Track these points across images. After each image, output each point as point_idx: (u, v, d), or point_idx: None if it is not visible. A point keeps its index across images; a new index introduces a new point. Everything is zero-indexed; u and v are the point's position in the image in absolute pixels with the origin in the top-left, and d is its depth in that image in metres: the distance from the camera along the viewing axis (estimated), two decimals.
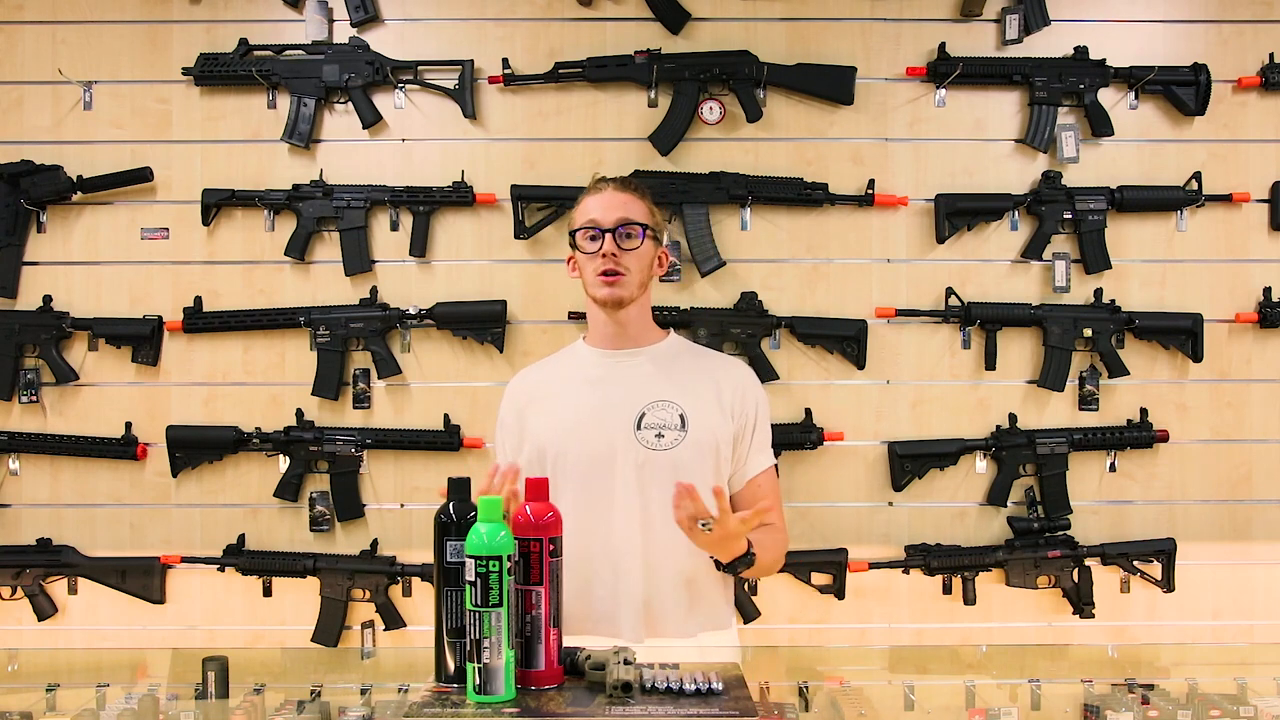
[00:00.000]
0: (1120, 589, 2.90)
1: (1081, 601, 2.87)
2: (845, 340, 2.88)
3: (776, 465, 2.10)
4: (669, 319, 2.80)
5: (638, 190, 2.02)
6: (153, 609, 2.90)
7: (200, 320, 2.87)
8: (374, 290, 2.89)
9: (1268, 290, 2.92)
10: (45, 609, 2.87)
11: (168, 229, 2.92)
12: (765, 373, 2.84)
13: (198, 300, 2.88)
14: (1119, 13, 2.95)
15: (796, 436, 2.84)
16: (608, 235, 1.95)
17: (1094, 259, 2.90)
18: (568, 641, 1.55)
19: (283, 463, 2.87)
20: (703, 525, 1.76)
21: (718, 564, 1.89)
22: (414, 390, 2.91)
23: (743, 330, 2.86)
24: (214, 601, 2.91)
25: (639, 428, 1.96)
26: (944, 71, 2.90)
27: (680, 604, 1.97)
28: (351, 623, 2.88)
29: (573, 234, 2.00)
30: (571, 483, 1.96)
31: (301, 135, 2.89)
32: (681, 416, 1.96)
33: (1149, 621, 2.92)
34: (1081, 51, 2.92)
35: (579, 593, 1.94)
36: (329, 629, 2.85)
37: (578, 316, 2.87)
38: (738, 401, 2.01)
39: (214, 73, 2.88)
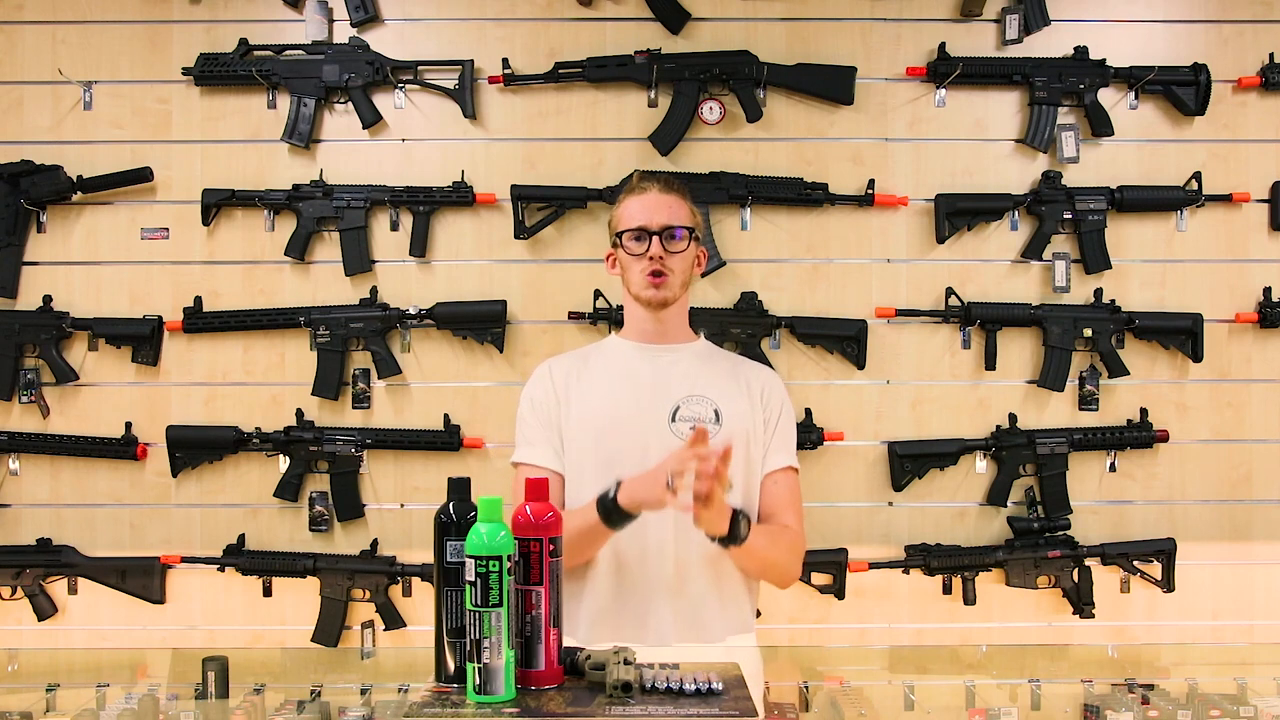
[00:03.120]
0: (1120, 589, 2.91)
1: (1081, 601, 2.87)
2: (845, 340, 2.88)
3: (798, 470, 2.10)
4: None
5: (680, 191, 2.05)
6: (153, 609, 2.90)
7: (200, 320, 2.87)
8: (374, 290, 2.89)
9: (1268, 290, 2.92)
10: (45, 609, 2.87)
11: (168, 229, 2.92)
12: None
13: (198, 300, 2.88)
14: (1119, 13, 2.95)
15: (797, 436, 2.82)
16: (654, 239, 1.98)
17: (1094, 259, 2.90)
18: (599, 646, 1.55)
19: (283, 463, 2.87)
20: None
21: (720, 541, 1.83)
22: (414, 390, 2.91)
23: (743, 330, 2.86)
24: (214, 601, 2.91)
25: (674, 420, 1.97)
26: (944, 71, 2.90)
27: (709, 603, 1.96)
28: (351, 623, 2.88)
29: (618, 235, 2.02)
30: (602, 475, 1.94)
31: (301, 135, 2.89)
32: (716, 411, 1.99)
33: (1149, 621, 2.92)
34: (1081, 51, 2.92)
35: (609, 588, 1.95)
36: (329, 629, 2.85)
37: (578, 316, 2.87)
38: (765, 397, 2.06)
39: (214, 73, 2.88)
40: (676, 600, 1.95)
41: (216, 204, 2.89)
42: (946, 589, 2.89)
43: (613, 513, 1.81)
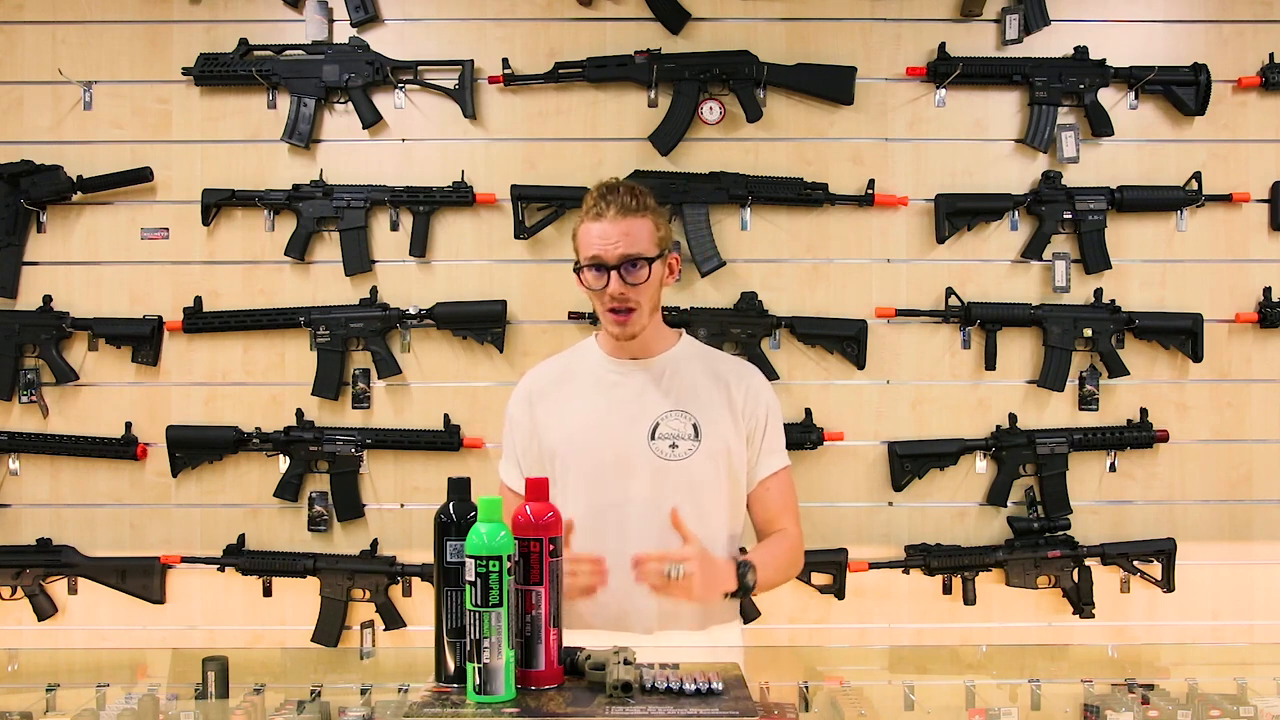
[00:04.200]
0: (1120, 589, 2.91)
1: (1081, 601, 2.87)
2: (845, 340, 2.88)
3: (789, 465, 2.09)
4: (671, 319, 2.79)
5: (640, 209, 1.93)
6: (153, 609, 2.90)
7: (200, 320, 2.87)
8: (374, 290, 2.89)
9: (1268, 290, 2.92)
10: (45, 609, 2.87)
11: (168, 229, 2.92)
12: (765, 373, 2.82)
13: (198, 300, 2.88)
14: (1119, 13, 2.95)
15: (797, 436, 2.83)
16: (612, 274, 1.90)
17: (1094, 259, 2.90)
18: (576, 637, 1.55)
19: (283, 463, 2.87)
20: (671, 572, 1.77)
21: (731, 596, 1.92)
22: (414, 390, 2.91)
23: (743, 330, 2.85)
24: (214, 601, 2.91)
25: (653, 438, 1.96)
26: (944, 71, 2.90)
27: (692, 606, 1.96)
28: (351, 623, 2.88)
29: (577, 267, 1.96)
30: (583, 489, 1.95)
31: (301, 135, 2.89)
32: (695, 426, 1.96)
33: (1149, 621, 2.92)
34: (1081, 51, 2.92)
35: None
36: (329, 629, 2.85)
37: (578, 316, 2.87)
38: (748, 406, 2.01)
39: (214, 73, 2.88)
40: (660, 606, 1.93)
41: (216, 204, 2.89)
42: (946, 589, 2.89)
43: None
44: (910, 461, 2.88)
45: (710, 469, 1.97)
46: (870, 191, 2.89)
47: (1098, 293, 2.91)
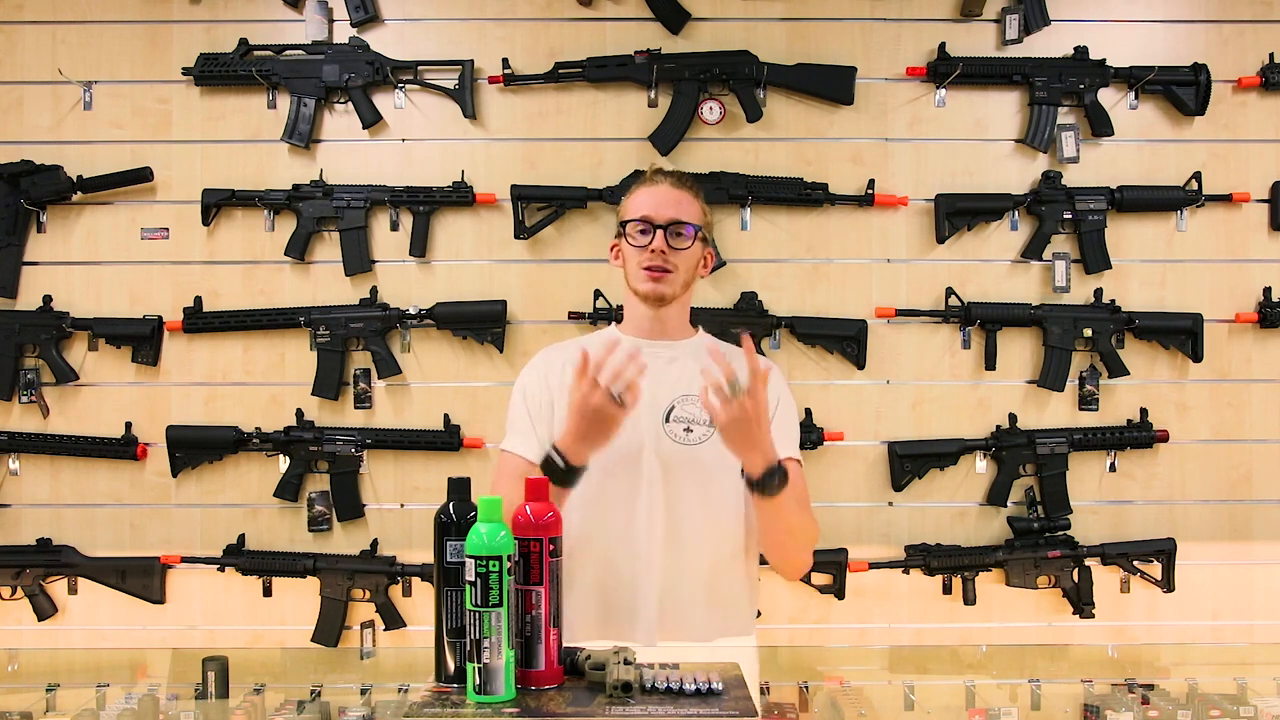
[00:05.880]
0: (1120, 589, 2.91)
1: (1081, 601, 2.87)
2: (845, 340, 2.88)
3: (801, 463, 2.03)
4: None
5: (692, 188, 2.00)
6: (153, 609, 2.90)
7: (200, 320, 2.87)
8: (374, 290, 2.89)
9: (1268, 290, 2.92)
10: (45, 609, 2.87)
11: (168, 229, 2.92)
12: None
13: (198, 300, 2.88)
14: (1119, 13, 2.95)
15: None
16: (659, 232, 1.93)
17: (1094, 259, 2.90)
18: (581, 643, 1.55)
19: (283, 463, 2.87)
20: (731, 387, 1.75)
21: (751, 483, 1.83)
22: (414, 390, 2.91)
23: (743, 330, 2.85)
24: (214, 601, 2.91)
25: (668, 420, 1.95)
26: (944, 71, 2.90)
27: (698, 604, 1.94)
28: (351, 623, 2.88)
29: (623, 224, 1.98)
30: (593, 472, 1.93)
31: (301, 135, 2.89)
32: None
33: (1149, 621, 2.92)
34: (1081, 51, 2.92)
35: (595, 587, 1.92)
36: (329, 629, 2.85)
37: (577, 316, 2.87)
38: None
39: (214, 73, 2.88)
40: (662, 602, 1.92)
41: (216, 204, 2.89)
42: (946, 589, 2.89)
43: (570, 473, 1.81)
44: (910, 461, 2.88)
45: (722, 458, 1.93)
46: (870, 191, 2.89)
47: (1098, 293, 2.91)
